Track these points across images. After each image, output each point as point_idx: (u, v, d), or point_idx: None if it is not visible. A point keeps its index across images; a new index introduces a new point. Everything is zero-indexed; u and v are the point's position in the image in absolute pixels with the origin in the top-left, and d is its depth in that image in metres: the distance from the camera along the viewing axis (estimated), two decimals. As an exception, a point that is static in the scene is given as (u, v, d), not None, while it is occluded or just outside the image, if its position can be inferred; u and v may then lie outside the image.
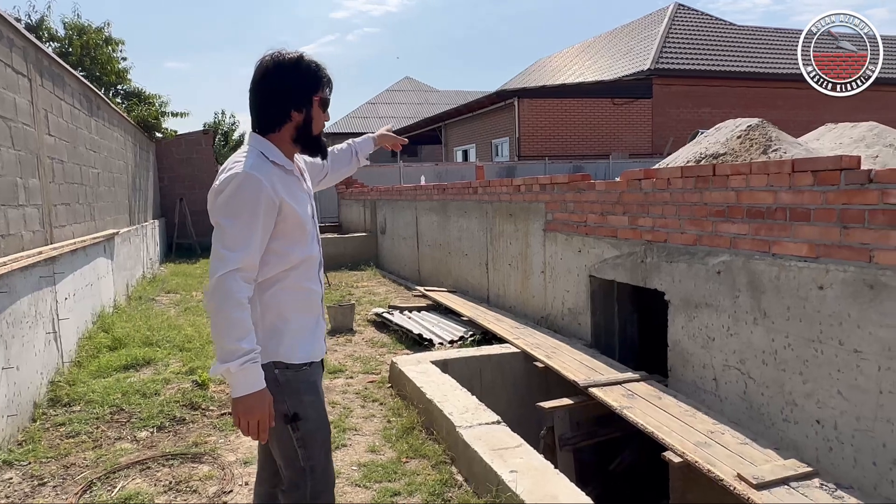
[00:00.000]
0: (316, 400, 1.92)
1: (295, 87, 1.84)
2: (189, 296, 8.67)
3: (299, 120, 1.86)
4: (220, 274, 1.68)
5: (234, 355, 1.67)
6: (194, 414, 4.13)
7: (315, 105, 1.88)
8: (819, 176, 2.94)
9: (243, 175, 1.73)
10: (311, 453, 1.88)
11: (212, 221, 1.77)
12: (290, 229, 1.82)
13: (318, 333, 1.96)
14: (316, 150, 1.96)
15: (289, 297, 1.86)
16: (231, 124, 39.35)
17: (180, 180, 15.49)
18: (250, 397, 1.70)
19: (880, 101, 21.01)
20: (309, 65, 1.86)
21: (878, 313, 2.69)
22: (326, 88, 1.90)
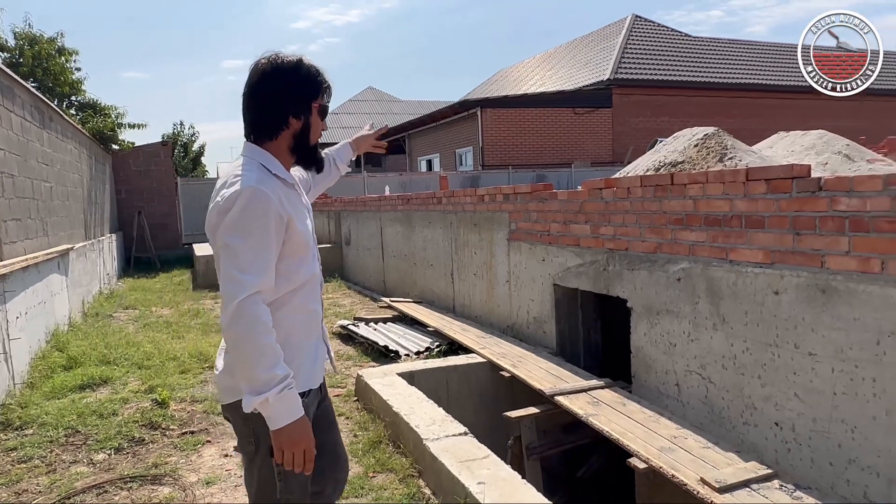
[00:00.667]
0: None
1: (294, 91, 1.73)
2: (148, 311, 8.46)
3: (297, 127, 1.76)
4: (241, 299, 1.56)
5: (270, 384, 1.56)
6: (154, 434, 4.02)
7: (314, 112, 1.78)
8: (772, 184, 3.02)
9: (251, 190, 1.60)
10: (290, 487, 1.75)
11: (216, 241, 1.65)
12: (295, 247, 1.71)
13: (318, 357, 1.87)
14: (312, 161, 1.87)
15: (294, 321, 1.76)
16: (191, 135, 38.75)
17: (138, 193, 15.16)
18: (293, 426, 1.60)
19: (827, 110, 21.78)
20: (309, 69, 1.75)
21: (831, 317, 2.77)
22: (325, 95, 1.81)
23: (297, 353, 1.76)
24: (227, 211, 1.60)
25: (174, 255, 14.93)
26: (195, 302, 9.24)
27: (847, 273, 2.69)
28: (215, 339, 6.61)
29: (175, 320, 7.70)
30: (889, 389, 2.55)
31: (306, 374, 1.79)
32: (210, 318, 7.93)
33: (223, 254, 1.62)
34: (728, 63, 22.59)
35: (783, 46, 25.28)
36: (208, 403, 4.51)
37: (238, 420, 1.74)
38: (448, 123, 21.10)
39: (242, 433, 1.76)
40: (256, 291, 1.58)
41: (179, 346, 6.09)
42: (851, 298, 2.68)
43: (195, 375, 5.24)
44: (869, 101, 22.93)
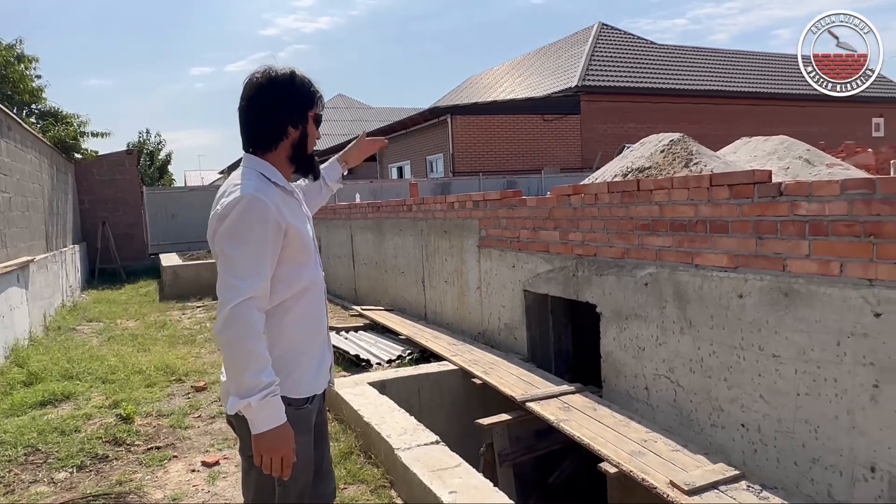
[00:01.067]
0: (307, 442, 1.83)
1: (291, 102, 1.79)
2: (113, 324, 8.27)
3: (296, 136, 1.81)
4: (234, 304, 1.59)
5: (254, 390, 1.60)
6: (118, 450, 3.92)
7: (310, 121, 1.84)
8: (735, 189, 3.08)
9: (248, 198, 1.65)
10: (288, 493, 1.79)
11: (215, 248, 1.70)
12: (295, 253, 1.75)
13: (323, 363, 1.90)
14: (309, 170, 1.92)
15: (298, 326, 1.80)
16: (157, 144, 38.13)
17: (103, 203, 14.83)
18: (273, 432, 1.64)
19: (787, 116, 22.38)
20: (303, 80, 1.82)
21: (794, 319, 2.82)
22: (319, 104, 1.87)
23: (302, 358, 1.80)
24: (226, 218, 1.65)
25: (140, 265, 14.63)
26: (162, 314, 9.06)
27: (808, 276, 2.75)
28: (182, 351, 6.49)
29: (141, 333, 7.54)
30: (849, 390, 2.61)
31: (310, 380, 1.83)
32: (177, 329, 7.78)
33: (220, 260, 1.67)
34: (693, 70, 23.04)
35: (745, 54, 25.91)
36: (175, 418, 4.41)
37: (242, 425, 1.75)
38: (418, 130, 21.10)
39: (244, 439, 1.77)
40: (250, 297, 1.61)
41: (145, 359, 5.96)
42: (812, 301, 2.73)
43: (161, 389, 5.13)
44: (827, 107, 23.62)
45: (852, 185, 2.58)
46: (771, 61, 25.76)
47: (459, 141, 19.10)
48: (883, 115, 24.84)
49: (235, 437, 4.09)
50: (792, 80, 24.37)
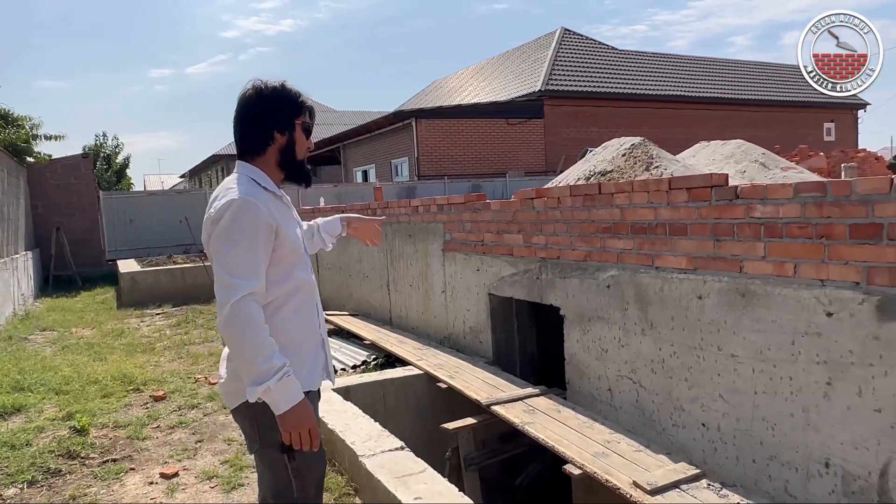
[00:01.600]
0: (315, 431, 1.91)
1: (278, 109, 1.89)
2: (68, 332, 8.01)
3: (283, 142, 1.90)
4: (234, 301, 1.68)
5: (269, 374, 1.68)
6: (72, 464, 3.79)
7: (298, 129, 1.93)
8: (693, 193, 3.13)
9: (240, 201, 1.74)
10: (304, 486, 1.87)
11: (210, 250, 1.79)
12: (286, 254, 1.84)
13: (318, 361, 1.98)
14: (300, 176, 1.98)
15: (289, 324, 1.88)
16: (114, 147, 37.24)
17: (57, 208, 14.39)
18: (296, 408, 1.73)
19: (744, 120, 22.97)
20: (290, 90, 1.92)
21: (751, 319, 2.88)
22: (307, 114, 1.97)
23: (295, 354, 1.86)
24: (219, 221, 1.75)
25: (97, 272, 14.23)
26: (119, 321, 8.82)
27: (764, 277, 2.82)
28: (141, 359, 6.33)
29: (97, 341, 7.32)
30: (804, 388, 2.68)
31: (305, 376, 1.89)
32: (135, 337, 7.58)
33: (216, 261, 1.76)
34: (653, 75, 23.48)
35: (704, 60, 26.53)
36: (132, 429, 4.29)
37: (245, 423, 1.89)
38: (383, 134, 21.03)
39: (249, 435, 1.89)
40: (249, 293, 1.70)
41: (101, 369, 5.79)
42: (768, 301, 2.80)
43: (118, 399, 4.98)
44: (781, 112, 24.34)
45: (804, 189, 2.65)
46: (728, 67, 26.44)
47: (424, 144, 19.10)
48: (834, 119, 25.71)
49: (195, 447, 4.02)
50: (749, 85, 25.06)
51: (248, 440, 1.91)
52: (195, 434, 4.21)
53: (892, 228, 2.34)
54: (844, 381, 2.53)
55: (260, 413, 1.80)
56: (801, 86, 26.05)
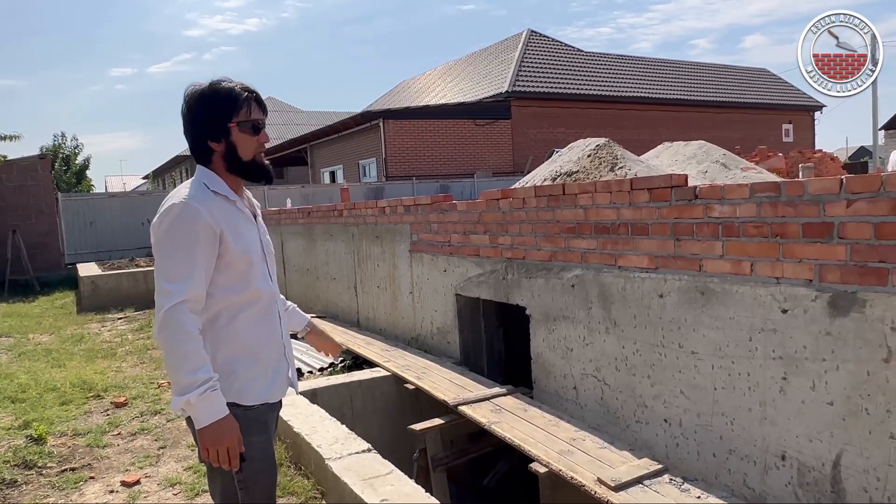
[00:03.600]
0: (264, 441, 1.87)
1: (206, 118, 1.80)
2: (25, 339, 7.78)
3: (221, 149, 1.82)
4: (167, 308, 1.65)
5: (192, 387, 1.64)
6: (28, 474, 3.68)
7: (234, 131, 1.81)
8: (654, 193, 3.19)
9: (181, 205, 1.70)
10: (252, 496, 1.82)
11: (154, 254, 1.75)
12: (233, 261, 1.77)
13: (278, 373, 1.91)
14: (256, 176, 1.90)
15: (247, 333, 1.83)
16: (74, 148, 36.29)
17: (13, 210, 13.95)
18: (216, 425, 1.67)
19: (706, 121, 23.45)
20: (219, 91, 1.80)
21: (710, 317, 2.95)
22: (246, 110, 1.81)
23: (254, 364, 1.83)
24: (160, 225, 1.71)
25: (56, 276, 13.84)
26: (79, 326, 8.60)
27: (722, 275, 2.88)
28: (101, 365, 6.18)
29: (56, 347, 7.13)
30: (761, 383, 2.75)
31: (261, 389, 1.84)
32: (96, 343, 7.40)
33: (156, 265, 1.72)
34: (618, 77, 23.83)
35: (668, 62, 27.02)
36: (92, 436, 4.19)
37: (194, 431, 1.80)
38: (351, 134, 20.92)
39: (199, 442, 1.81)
40: (182, 300, 1.66)
41: (60, 376, 5.64)
42: (727, 299, 2.86)
43: (78, 406, 4.86)
44: (742, 114, 24.92)
45: (760, 189, 2.72)
46: (692, 69, 26.97)
47: (392, 145, 19.05)
48: (792, 121, 26.42)
49: (157, 454, 3.94)
50: (711, 87, 25.60)
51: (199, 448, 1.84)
52: (158, 440, 4.13)
53: (843, 227, 2.42)
54: (799, 375, 2.61)
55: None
56: (760, 88, 26.72)
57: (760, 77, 28.28)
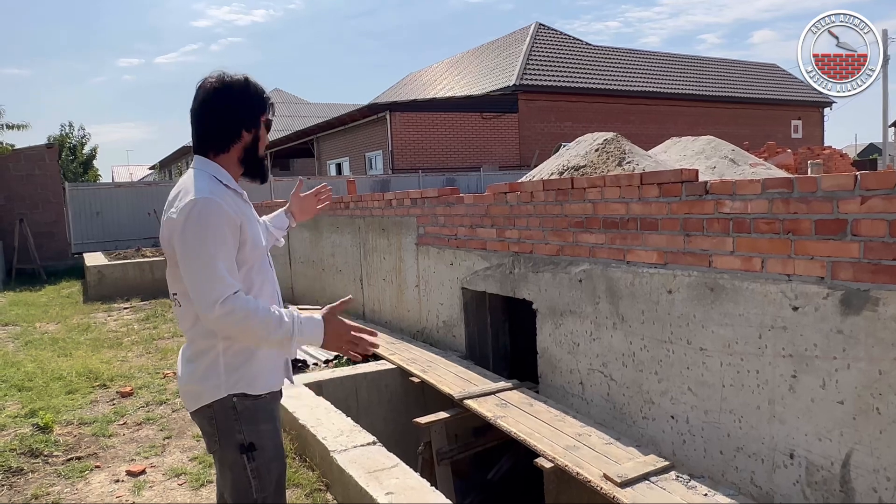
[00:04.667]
0: (273, 430, 1.89)
1: (246, 105, 1.84)
2: (32, 327, 7.81)
3: (248, 140, 1.86)
4: (224, 299, 1.63)
5: (288, 332, 1.67)
6: (35, 462, 3.70)
7: (262, 125, 1.89)
8: (664, 188, 3.16)
9: (203, 201, 1.69)
10: (265, 485, 1.83)
11: (174, 250, 1.73)
12: (249, 253, 1.80)
13: (280, 361, 1.94)
14: (258, 173, 1.93)
15: None
16: (81, 137, 36.41)
17: (20, 200, 13.99)
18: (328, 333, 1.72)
19: (714, 116, 23.30)
20: (255, 86, 1.86)
21: (719, 313, 2.92)
22: (270, 110, 1.92)
23: (264, 354, 1.84)
24: (183, 223, 1.68)
25: (63, 265, 13.89)
26: (86, 316, 8.62)
27: (732, 272, 2.85)
28: (107, 355, 6.19)
29: (62, 336, 7.15)
30: (770, 380, 2.72)
31: (267, 376, 1.87)
32: (102, 332, 7.42)
33: (189, 264, 1.68)
34: (626, 71, 23.68)
35: (676, 56, 26.84)
36: (98, 426, 4.20)
37: (204, 423, 1.84)
38: (357, 127, 20.88)
39: (208, 434, 1.84)
40: (235, 291, 1.65)
41: (66, 365, 5.65)
42: (736, 296, 2.84)
43: (84, 395, 4.87)
44: (750, 109, 24.75)
45: (772, 185, 2.69)
46: (700, 64, 26.79)
47: (398, 138, 19.01)
48: (801, 117, 26.23)
49: (163, 444, 3.95)
50: (719, 82, 25.43)
51: (208, 440, 1.87)
52: (163, 430, 4.14)
53: (857, 224, 2.39)
54: (809, 373, 2.58)
55: (219, 413, 1.78)
56: (769, 84, 26.54)
57: (769, 72, 28.08)
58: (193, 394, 1.83)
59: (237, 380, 1.78)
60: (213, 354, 1.79)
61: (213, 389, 1.79)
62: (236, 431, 1.77)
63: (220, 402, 1.78)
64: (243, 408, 1.79)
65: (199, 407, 1.82)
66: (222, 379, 1.78)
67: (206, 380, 1.80)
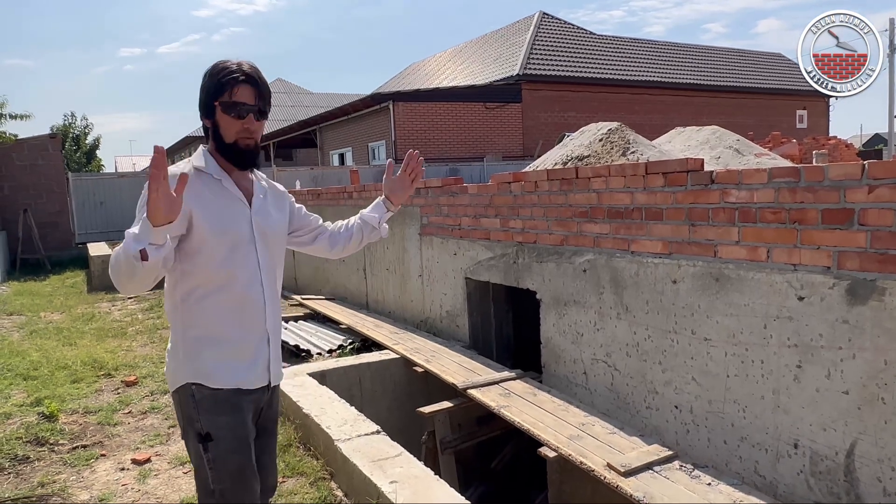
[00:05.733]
0: (234, 423, 1.80)
1: (203, 95, 1.81)
2: (36, 317, 7.84)
3: (211, 126, 1.83)
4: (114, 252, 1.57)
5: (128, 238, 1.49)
6: (41, 451, 3.72)
7: (218, 111, 1.78)
8: (669, 177, 3.14)
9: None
10: (221, 476, 1.79)
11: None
12: (206, 239, 1.74)
13: (256, 361, 1.85)
14: (235, 160, 1.83)
15: (212, 317, 1.79)
16: (84, 127, 36.40)
17: (24, 189, 14.01)
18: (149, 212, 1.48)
19: (718, 106, 23.18)
20: (213, 70, 1.79)
21: (724, 303, 2.91)
22: (228, 93, 1.75)
23: (220, 348, 1.79)
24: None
25: (67, 255, 13.93)
26: (90, 305, 8.65)
27: (737, 262, 2.84)
28: (112, 344, 6.22)
29: (67, 326, 7.18)
30: (775, 371, 2.72)
31: (230, 374, 1.79)
32: (107, 322, 7.45)
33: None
34: (631, 61, 23.54)
35: (681, 46, 26.66)
36: (103, 414, 4.22)
37: (175, 405, 1.86)
38: (360, 117, 20.82)
39: (178, 418, 1.86)
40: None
41: (71, 354, 5.68)
42: (742, 286, 2.83)
43: (89, 384, 4.89)
44: (755, 99, 24.61)
45: (779, 174, 2.67)
46: (704, 54, 26.61)
47: (402, 128, 18.96)
48: (806, 107, 26.06)
49: (168, 433, 3.97)
50: (724, 72, 25.27)
51: (178, 425, 1.90)
52: (168, 419, 4.16)
53: (864, 214, 2.37)
54: (814, 364, 2.58)
55: (182, 399, 1.79)
56: (774, 73, 26.37)
57: (775, 62, 27.88)
58: (167, 374, 1.88)
59: (194, 370, 1.78)
60: (175, 339, 1.81)
61: (175, 374, 1.82)
62: (195, 420, 1.77)
63: (182, 388, 1.79)
64: (202, 397, 1.78)
65: (174, 388, 1.84)
66: (182, 365, 1.79)
67: (171, 362, 1.84)
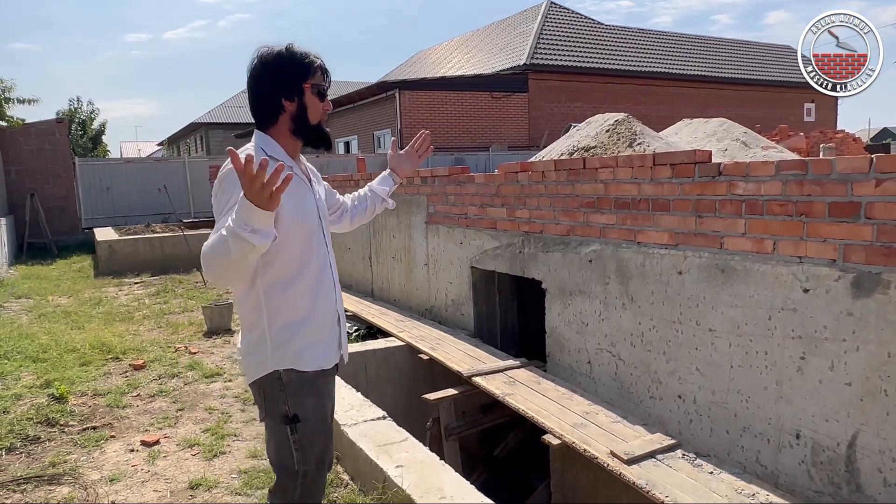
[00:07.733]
0: (318, 403, 1.88)
1: (284, 75, 1.83)
2: (44, 300, 7.90)
3: (293, 109, 1.85)
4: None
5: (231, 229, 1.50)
6: (51, 431, 3.77)
7: (308, 92, 1.85)
8: (676, 169, 3.15)
9: (227, 170, 1.71)
10: (307, 458, 1.85)
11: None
12: (291, 227, 1.76)
13: (332, 340, 1.93)
14: (319, 141, 1.93)
15: (300, 301, 1.83)
16: (90, 112, 36.39)
17: (31, 174, 14.07)
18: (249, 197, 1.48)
19: (726, 99, 23.06)
20: (296, 53, 1.84)
21: (729, 295, 2.94)
22: (318, 75, 1.88)
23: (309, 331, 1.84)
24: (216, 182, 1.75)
25: (73, 240, 14.01)
26: (97, 290, 8.71)
27: (743, 253, 2.86)
28: (119, 328, 6.27)
29: (74, 309, 7.24)
30: (778, 362, 2.74)
31: (316, 356, 1.86)
32: (114, 306, 7.51)
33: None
34: (638, 52, 23.41)
35: (689, 37, 26.49)
36: (112, 397, 4.27)
37: (257, 394, 1.89)
38: (366, 105, 20.79)
39: (259, 404, 1.89)
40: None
41: (79, 337, 5.74)
42: (747, 277, 2.85)
43: (97, 367, 4.95)
44: (762, 92, 24.47)
45: (786, 167, 2.68)
46: (712, 45, 26.44)
47: (408, 116, 18.93)
48: (814, 100, 25.90)
49: (176, 415, 4.02)
50: (732, 64, 25.11)
51: (259, 409, 1.92)
52: (176, 403, 4.21)
53: (870, 207, 2.38)
54: (817, 355, 2.60)
55: (267, 385, 1.82)
56: (782, 66, 26.19)
57: (783, 55, 27.68)
58: (249, 366, 1.87)
59: (282, 356, 1.81)
60: (260, 330, 1.81)
61: (262, 364, 1.82)
62: (281, 402, 1.80)
63: (268, 376, 1.82)
64: (289, 380, 1.82)
65: (252, 381, 1.87)
66: (269, 354, 1.80)
67: (256, 354, 1.83)
